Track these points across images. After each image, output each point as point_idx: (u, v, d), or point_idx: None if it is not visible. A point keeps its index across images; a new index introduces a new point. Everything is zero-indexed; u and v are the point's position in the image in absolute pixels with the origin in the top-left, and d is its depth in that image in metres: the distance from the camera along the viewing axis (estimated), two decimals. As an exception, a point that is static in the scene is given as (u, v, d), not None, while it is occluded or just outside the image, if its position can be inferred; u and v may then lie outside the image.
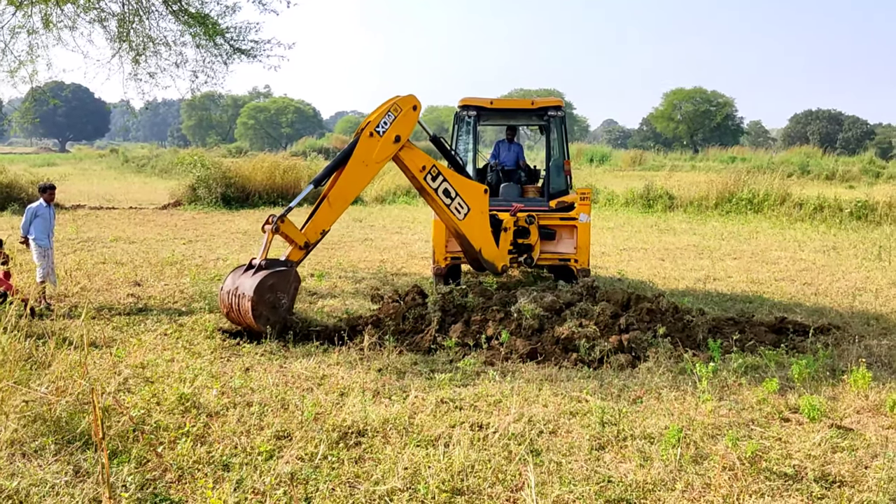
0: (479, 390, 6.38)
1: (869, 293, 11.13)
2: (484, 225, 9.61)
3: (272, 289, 7.84)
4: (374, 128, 8.53)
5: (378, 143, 8.56)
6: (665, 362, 7.18)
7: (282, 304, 7.97)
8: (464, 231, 9.42)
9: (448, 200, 9.19)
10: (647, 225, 20.11)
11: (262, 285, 7.73)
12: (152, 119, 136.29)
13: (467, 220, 9.39)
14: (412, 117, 8.80)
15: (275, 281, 7.87)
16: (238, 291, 7.87)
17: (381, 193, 26.80)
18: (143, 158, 47.19)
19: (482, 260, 9.67)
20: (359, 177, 8.63)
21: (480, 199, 9.51)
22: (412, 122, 8.82)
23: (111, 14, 14.54)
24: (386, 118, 8.57)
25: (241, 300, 7.81)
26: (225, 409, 5.86)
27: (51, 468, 4.64)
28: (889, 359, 7.60)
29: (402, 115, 8.67)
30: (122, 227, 18.23)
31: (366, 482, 4.71)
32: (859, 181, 34.58)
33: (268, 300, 7.81)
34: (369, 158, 8.57)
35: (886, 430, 5.71)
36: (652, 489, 4.68)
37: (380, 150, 8.59)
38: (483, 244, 9.62)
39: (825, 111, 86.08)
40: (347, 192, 8.63)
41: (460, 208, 9.29)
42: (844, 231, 18.75)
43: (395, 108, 8.65)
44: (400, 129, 8.67)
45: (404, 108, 8.71)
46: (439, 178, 9.10)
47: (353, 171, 8.52)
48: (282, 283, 7.96)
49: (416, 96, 8.83)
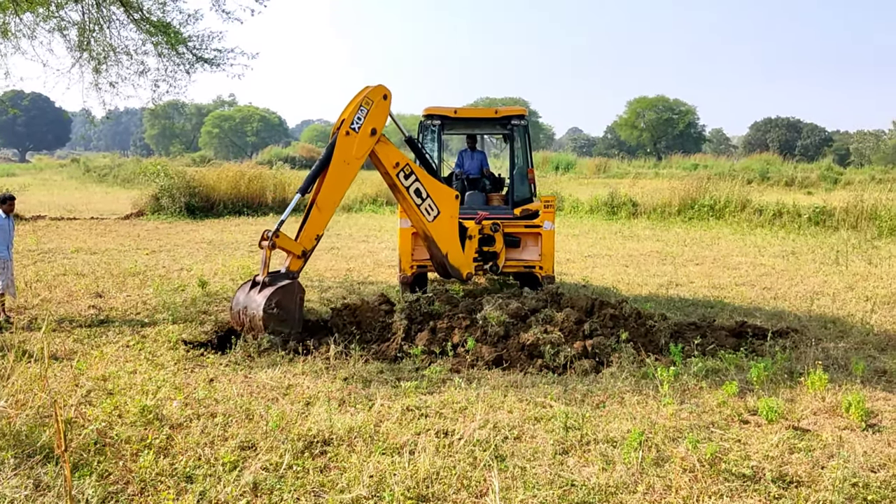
0: (444, 397, 6.41)
1: (826, 297, 11.37)
2: (453, 230, 9.67)
3: (279, 305, 8.05)
4: (349, 126, 8.55)
5: (355, 139, 8.61)
6: (628, 367, 7.28)
7: (291, 316, 8.18)
8: (432, 233, 9.46)
9: (419, 200, 9.24)
10: (611, 232, 20.33)
11: (268, 304, 7.96)
12: (114, 128, 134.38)
13: (436, 223, 9.44)
14: (384, 107, 8.83)
15: (280, 297, 8.07)
16: (248, 312, 8.12)
17: (348, 202, 26.75)
18: (105, 168, 46.51)
19: (448, 265, 9.70)
20: (342, 176, 8.66)
21: (451, 204, 9.58)
22: (385, 113, 8.86)
23: (71, 23, 14.36)
24: (359, 113, 8.60)
25: (253, 320, 8.04)
26: (188, 420, 5.82)
27: (10, 482, 4.57)
28: (845, 361, 7.78)
29: (374, 108, 8.70)
30: (83, 237, 17.96)
31: (331, 491, 4.71)
32: (817, 187, 35.33)
33: (277, 315, 8.02)
34: (349, 156, 8.61)
35: (842, 431, 5.85)
36: (614, 492, 4.74)
37: (358, 146, 8.64)
38: (450, 249, 9.67)
39: (784, 119, 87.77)
40: (334, 193, 8.66)
41: (430, 210, 9.35)
42: (803, 236, 19.13)
43: (366, 101, 8.67)
44: (374, 121, 8.72)
45: (375, 99, 8.74)
46: (412, 178, 9.17)
47: (336, 171, 8.56)
48: (287, 298, 8.17)
49: (385, 86, 8.85)
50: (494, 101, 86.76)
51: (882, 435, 5.79)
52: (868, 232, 18.94)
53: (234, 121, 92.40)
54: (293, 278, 8.32)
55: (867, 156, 77.51)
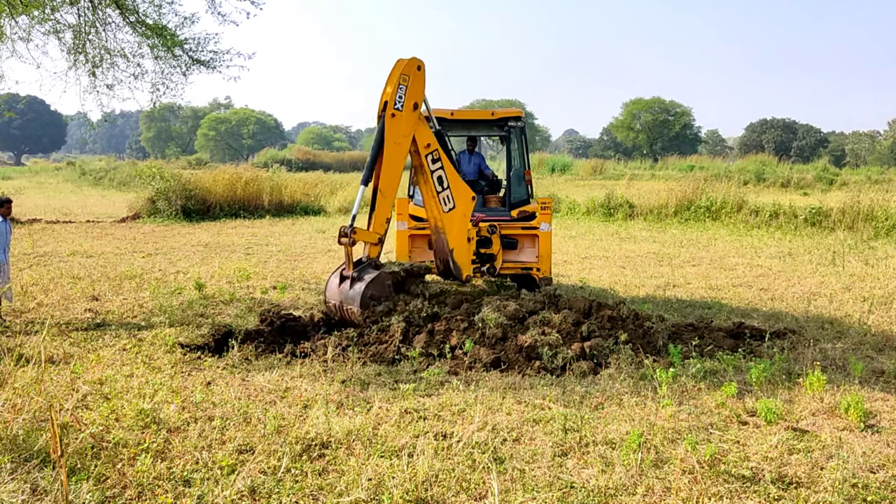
0: (442, 400, 6.39)
1: (823, 298, 11.38)
2: (463, 227, 9.82)
3: (373, 297, 8.49)
4: (393, 107, 8.72)
5: (401, 118, 8.82)
6: (626, 369, 7.27)
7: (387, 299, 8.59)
8: (444, 225, 9.59)
9: (439, 188, 9.44)
10: (608, 233, 20.34)
11: (364, 301, 8.41)
12: (110, 131, 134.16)
13: (450, 216, 9.61)
14: (420, 79, 9.03)
15: (374, 291, 8.50)
16: (346, 307, 8.57)
17: (345, 204, 26.73)
18: (101, 171, 46.47)
19: (451, 262, 9.73)
20: (397, 157, 8.86)
21: (467, 203, 9.78)
22: (422, 84, 9.07)
23: (67, 26, 14.32)
24: (399, 91, 8.77)
25: (353, 315, 8.50)
26: (186, 423, 5.80)
27: (7, 487, 4.55)
28: (843, 362, 7.79)
29: (411, 82, 8.89)
30: (79, 241, 17.91)
31: (329, 494, 4.69)
32: (813, 188, 35.38)
33: (372, 307, 8.45)
34: (399, 136, 8.83)
35: (841, 432, 5.85)
36: (614, 494, 4.74)
37: (404, 124, 8.86)
38: (457, 246, 9.76)
39: (780, 120, 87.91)
40: (393, 176, 8.86)
41: (447, 201, 9.54)
42: (799, 237, 19.16)
43: (402, 78, 8.81)
44: (414, 95, 8.94)
45: (411, 73, 8.90)
46: (438, 164, 9.40)
47: (390, 154, 8.75)
48: (379, 288, 8.57)
49: (417, 57, 9.01)
50: (490, 102, 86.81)
51: (881, 435, 5.79)
52: (864, 233, 18.98)
53: (231, 123, 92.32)
54: (377, 266, 8.71)
55: (863, 157, 77.69)
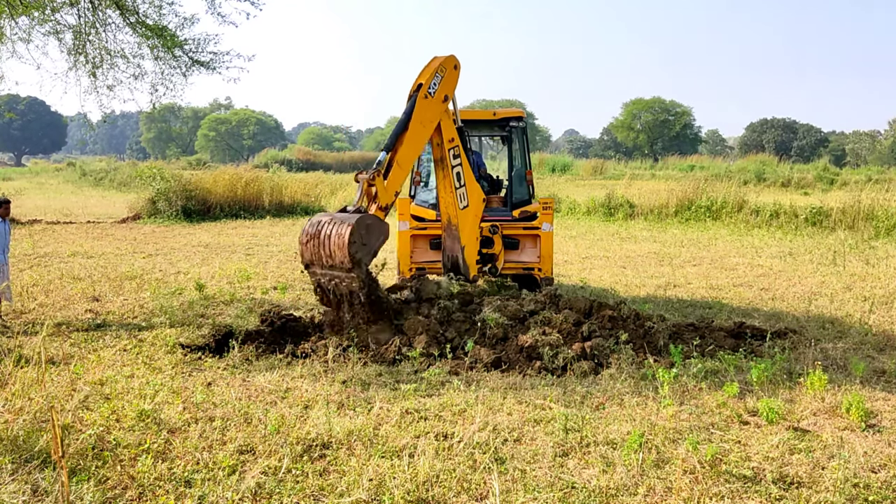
0: (443, 400, 6.39)
1: (824, 297, 11.38)
2: (474, 227, 9.90)
3: (369, 228, 7.84)
4: (427, 89, 8.79)
5: (432, 103, 8.88)
6: (627, 368, 7.27)
7: (370, 249, 7.88)
8: (458, 221, 9.66)
9: (458, 184, 9.52)
10: (608, 233, 20.34)
11: (362, 220, 7.75)
12: (110, 132, 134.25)
13: (465, 213, 9.69)
14: (455, 76, 9.18)
15: (372, 222, 7.92)
16: (333, 219, 7.86)
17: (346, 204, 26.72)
18: (101, 172, 46.49)
19: (461, 260, 9.77)
20: (420, 137, 8.88)
21: (478, 203, 9.89)
22: (455, 82, 9.19)
23: (67, 26, 14.33)
24: (435, 79, 8.88)
25: (339, 226, 7.72)
26: (186, 424, 5.80)
27: (7, 488, 4.55)
28: (844, 361, 7.78)
29: (447, 75, 9.03)
30: (79, 241, 17.92)
31: (331, 494, 4.69)
32: (814, 188, 35.38)
33: (363, 237, 7.75)
34: (426, 119, 8.87)
35: (842, 432, 5.84)
36: (615, 494, 4.73)
37: (432, 110, 8.92)
38: (468, 244, 9.84)
39: (780, 120, 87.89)
40: (412, 152, 8.87)
41: (463, 198, 9.62)
42: (800, 237, 19.16)
43: (441, 68, 8.95)
44: (447, 88, 9.05)
45: (448, 67, 9.06)
46: (458, 160, 9.47)
47: (415, 132, 8.76)
48: (377, 229, 7.96)
49: (455, 56, 9.18)
50: (491, 103, 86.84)
51: (882, 435, 5.78)
52: (865, 232, 18.97)
53: (231, 124, 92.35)
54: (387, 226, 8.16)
55: (863, 156, 77.75)
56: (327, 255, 7.80)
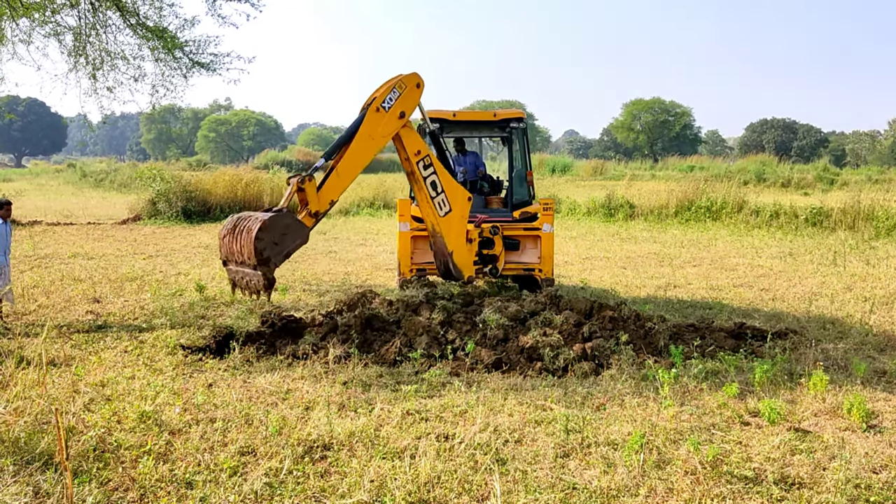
0: (444, 401, 6.39)
1: (825, 298, 11.38)
2: (461, 229, 9.76)
3: (286, 228, 7.80)
4: (380, 103, 8.71)
5: (384, 117, 8.77)
6: (628, 369, 7.27)
7: (280, 251, 7.82)
8: (441, 229, 9.55)
9: (433, 193, 9.36)
10: (608, 234, 20.34)
11: (279, 219, 7.73)
12: (110, 133, 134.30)
13: (447, 220, 9.54)
14: (416, 94, 9.02)
15: (291, 223, 7.88)
16: (251, 216, 7.84)
17: (345, 205, 26.73)
18: (102, 173, 46.51)
19: (451, 264, 9.73)
20: (366, 150, 8.80)
21: (463, 205, 9.70)
22: (416, 99, 9.04)
23: (67, 28, 14.35)
24: (391, 94, 8.78)
25: (250, 221, 7.71)
26: (188, 425, 5.80)
27: (9, 490, 4.55)
28: (845, 362, 7.78)
29: (406, 92, 8.89)
30: (80, 242, 17.92)
31: (332, 496, 4.69)
32: (814, 188, 35.36)
33: (276, 235, 7.70)
34: (375, 133, 8.77)
35: (843, 432, 5.84)
36: (616, 495, 4.73)
37: (385, 124, 8.80)
38: (456, 248, 9.73)
39: (780, 120, 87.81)
40: (355, 164, 8.78)
41: (443, 205, 9.46)
42: (800, 237, 19.15)
43: (399, 84, 8.85)
44: (404, 105, 8.90)
45: (409, 84, 8.92)
46: (430, 169, 9.31)
47: (360, 144, 8.69)
48: (294, 231, 7.93)
49: (419, 74, 9.03)
50: (490, 103, 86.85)
51: (883, 436, 5.78)
52: (865, 232, 18.96)
53: (231, 125, 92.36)
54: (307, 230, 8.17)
55: (863, 156, 77.72)
56: (238, 251, 7.82)
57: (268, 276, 7.71)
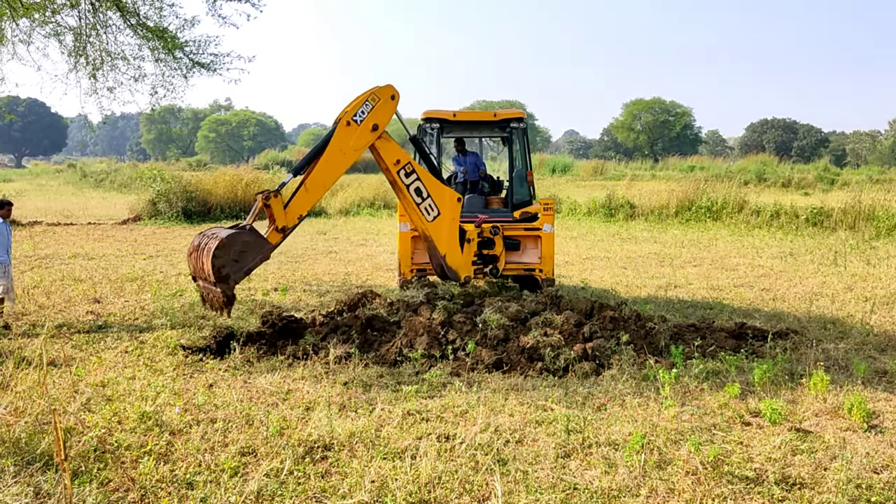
0: (445, 401, 6.39)
1: (826, 298, 11.37)
2: (452, 232, 9.68)
3: (245, 245, 7.82)
4: (350, 117, 8.65)
5: (355, 131, 8.69)
6: (628, 369, 7.26)
7: (241, 268, 7.87)
8: (430, 234, 9.50)
9: (419, 200, 9.30)
10: (609, 234, 20.34)
11: (237, 236, 7.74)
12: (111, 133, 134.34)
13: (436, 224, 9.48)
14: (391, 106, 8.93)
15: (251, 240, 7.88)
16: (212, 233, 7.88)
17: (346, 206, 26.74)
18: (102, 173, 46.57)
19: (445, 267, 9.71)
20: (336, 164, 8.74)
21: (452, 206, 9.60)
22: (390, 112, 8.95)
23: (67, 28, 14.34)
24: (364, 107, 8.71)
25: (210, 240, 7.75)
26: (188, 426, 5.79)
27: (10, 490, 4.54)
28: (846, 362, 7.77)
29: (380, 104, 8.80)
30: (80, 243, 17.92)
31: (333, 496, 4.69)
32: (814, 188, 35.38)
33: (234, 252, 7.73)
34: (346, 146, 8.69)
35: (844, 432, 5.84)
36: (617, 495, 4.73)
37: (357, 138, 8.72)
38: (448, 251, 9.68)
39: (780, 120, 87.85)
40: (324, 179, 8.72)
41: (430, 210, 9.40)
42: (801, 237, 19.15)
43: (372, 97, 8.77)
44: (378, 117, 8.81)
45: (382, 97, 8.83)
46: (413, 176, 9.24)
47: (330, 158, 8.64)
48: (255, 248, 7.93)
49: (394, 86, 8.93)
50: (491, 103, 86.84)
51: (884, 436, 5.78)
52: (866, 232, 18.96)
53: (231, 125, 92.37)
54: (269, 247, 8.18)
55: (863, 156, 77.73)
56: (200, 268, 7.88)
57: (227, 293, 7.78)
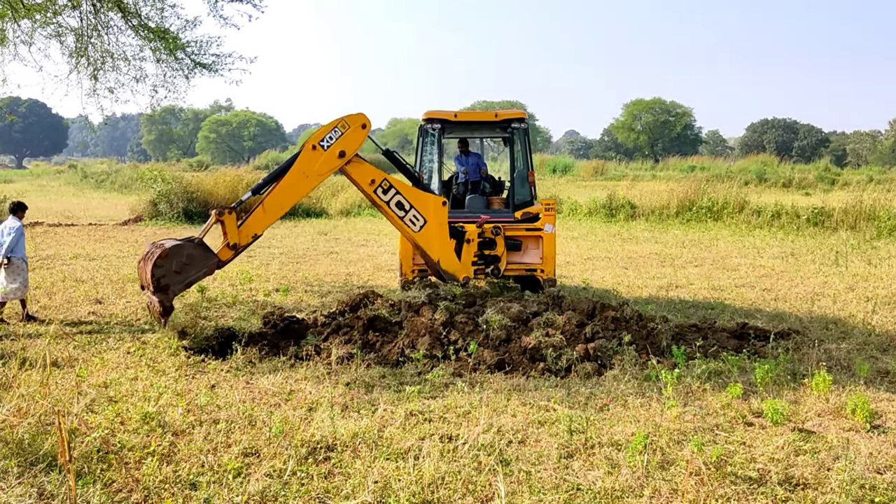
0: (447, 402, 6.39)
1: (827, 298, 11.37)
2: (442, 237, 9.65)
3: (189, 258, 7.92)
4: (317, 141, 8.76)
5: (321, 156, 8.79)
6: (630, 370, 7.26)
7: (182, 279, 7.96)
8: (420, 243, 9.53)
9: (402, 213, 9.33)
10: (610, 234, 20.34)
11: (182, 248, 7.84)
12: (111, 134, 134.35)
13: (423, 232, 9.48)
14: (360, 135, 9.00)
15: (196, 253, 7.98)
16: (160, 243, 8.01)
17: (347, 206, 26.74)
18: (103, 174, 46.58)
19: (441, 271, 9.72)
20: (297, 187, 8.83)
21: (438, 211, 9.57)
22: (359, 140, 9.01)
23: (69, 29, 14.33)
24: (332, 133, 8.83)
25: (156, 250, 7.84)
26: (191, 427, 5.79)
27: (14, 491, 4.55)
28: (848, 362, 7.78)
29: (349, 132, 8.89)
30: (81, 243, 17.92)
31: (336, 497, 4.69)
32: (815, 188, 35.38)
33: (177, 264, 7.83)
34: (310, 170, 8.80)
35: (847, 433, 5.84)
36: (620, 496, 4.73)
37: (322, 163, 8.82)
38: (441, 256, 9.66)
39: (781, 120, 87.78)
40: (283, 200, 8.80)
41: (415, 220, 9.41)
42: (802, 237, 19.15)
43: (343, 125, 8.88)
44: (345, 145, 8.89)
45: (352, 125, 8.93)
46: (391, 192, 9.27)
47: (291, 180, 8.74)
48: (198, 262, 8.04)
49: (365, 115, 9.03)
50: (491, 104, 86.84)
51: (887, 436, 5.78)
52: (867, 232, 18.96)
53: (231, 126, 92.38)
54: (217, 263, 8.28)
55: (864, 156, 77.68)
56: (144, 277, 7.98)
57: (165, 303, 7.89)
